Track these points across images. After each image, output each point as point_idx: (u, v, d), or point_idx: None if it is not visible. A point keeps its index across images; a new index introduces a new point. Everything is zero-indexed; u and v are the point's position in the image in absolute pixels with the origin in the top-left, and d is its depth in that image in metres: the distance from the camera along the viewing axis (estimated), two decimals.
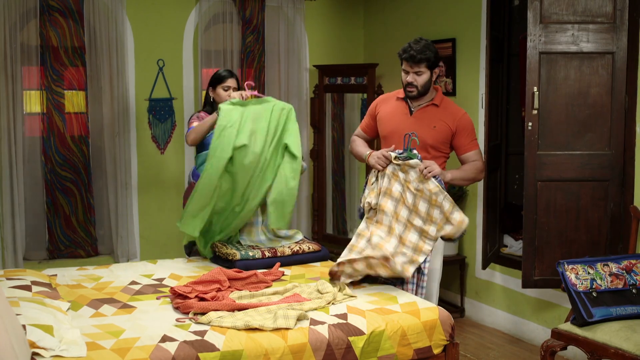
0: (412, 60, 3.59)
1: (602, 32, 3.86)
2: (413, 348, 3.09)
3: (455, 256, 5.09)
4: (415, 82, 3.63)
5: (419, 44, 3.60)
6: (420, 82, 3.63)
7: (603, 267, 3.30)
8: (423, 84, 3.64)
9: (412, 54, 3.58)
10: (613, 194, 3.94)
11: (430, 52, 3.60)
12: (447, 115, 3.68)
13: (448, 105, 3.74)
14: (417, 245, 3.52)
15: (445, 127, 3.66)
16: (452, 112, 3.70)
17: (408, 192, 3.51)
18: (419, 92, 3.66)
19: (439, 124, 3.66)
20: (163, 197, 5.60)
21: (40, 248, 5.33)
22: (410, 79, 3.64)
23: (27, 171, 5.22)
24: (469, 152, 3.69)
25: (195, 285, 3.33)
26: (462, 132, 3.67)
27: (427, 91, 3.70)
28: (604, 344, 3.13)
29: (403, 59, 3.65)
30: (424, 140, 3.63)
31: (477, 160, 3.70)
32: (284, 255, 4.05)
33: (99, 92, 5.32)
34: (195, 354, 2.68)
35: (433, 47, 3.64)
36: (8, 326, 2.18)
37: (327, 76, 5.91)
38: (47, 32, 5.12)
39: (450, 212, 3.47)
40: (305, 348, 2.85)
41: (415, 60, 3.59)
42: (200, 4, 5.58)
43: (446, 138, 3.68)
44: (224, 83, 4.34)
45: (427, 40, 3.64)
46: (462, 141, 3.68)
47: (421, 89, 3.66)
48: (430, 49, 3.61)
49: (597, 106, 3.90)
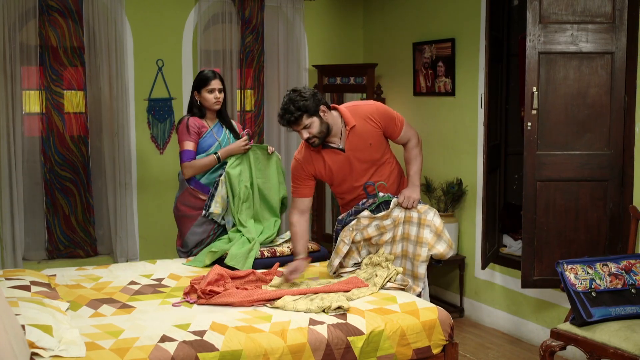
0: (290, 124, 3.44)
1: (601, 32, 3.86)
2: (412, 348, 3.09)
3: (455, 256, 5.09)
4: (310, 134, 3.47)
5: (289, 102, 3.42)
6: (314, 132, 3.47)
7: (602, 267, 3.31)
8: (318, 131, 3.47)
9: (287, 118, 3.41)
10: (612, 194, 3.94)
11: (303, 101, 3.40)
12: (366, 124, 3.57)
13: (357, 113, 3.58)
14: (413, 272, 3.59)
15: (374, 132, 3.60)
16: (365, 117, 3.57)
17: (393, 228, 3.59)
18: (320, 138, 3.51)
19: (369, 137, 3.58)
20: (162, 197, 5.60)
21: (39, 248, 5.33)
22: (305, 135, 3.48)
23: (26, 171, 5.21)
24: (400, 135, 3.67)
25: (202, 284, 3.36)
26: (384, 124, 3.62)
27: (330, 130, 3.53)
28: (603, 344, 3.13)
29: (283, 126, 3.52)
30: (373, 158, 3.61)
31: (411, 139, 3.70)
32: (283, 255, 4.05)
33: (98, 92, 5.32)
34: (195, 354, 2.68)
35: (303, 93, 3.43)
36: (7, 326, 2.18)
37: (327, 76, 5.91)
38: (47, 32, 5.12)
39: (442, 229, 3.54)
40: (304, 348, 2.85)
41: (293, 122, 3.43)
42: (200, 4, 5.58)
43: (381, 139, 3.65)
44: (209, 86, 4.20)
45: (294, 91, 3.46)
46: (389, 131, 3.65)
47: (321, 136, 3.50)
48: (301, 98, 3.40)
49: (596, 106, 3.91)
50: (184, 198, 4.27)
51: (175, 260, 4.18)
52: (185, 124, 4.22)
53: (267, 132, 5.97)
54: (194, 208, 4.24)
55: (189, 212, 4.25)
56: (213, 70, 4.32)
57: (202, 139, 4.24)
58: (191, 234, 4.26)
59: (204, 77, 4.23)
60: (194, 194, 4.24)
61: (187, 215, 4.26)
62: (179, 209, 4.30)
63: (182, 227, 4.31)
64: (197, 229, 4.25)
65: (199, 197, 4.23)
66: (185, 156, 4.19)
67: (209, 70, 4.28)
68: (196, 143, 4.22)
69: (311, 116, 3.43)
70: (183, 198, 4.27)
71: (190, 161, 4.19)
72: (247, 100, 5.90)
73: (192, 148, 4.21)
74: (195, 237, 4.26)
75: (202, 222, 4.25)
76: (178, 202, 4.31)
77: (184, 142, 4.19)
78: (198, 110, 4.27)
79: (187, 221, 4.27)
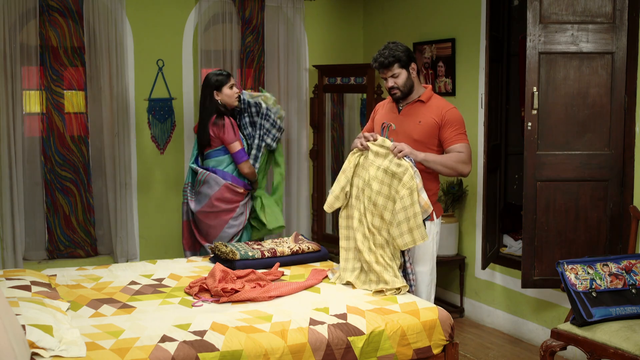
0: (382, 66, 3.67)
1: (601, 32, 3.86)
2: (412, 348, 3.09)
3: (455, 256, 5.09)
4: (395, 84, 3.69)
5: (386, 48, 3.68)
6: (400, 83, 3.68)
7: (602, 267, 3.31)
8: (403, 83, 3.69)
9: (380, 61, 3.66)
10: (612, 194, 3.94)
11: (399, 51, 3.65)
12: (433, 110, 3.70)
13: (436, 101, 3.76)
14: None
15: (431, 121, 3.66)
16: (438, 107, 3.71)
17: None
18: (402, 92, 3.71)
19: (425, 119, 3.68)
20: (162, 197, 5.60)
21: (39, 248, 5.33)
22: (390, 84, 3.70)
23: (26, 171, 5.21)
24: (454, 145, 3.64)
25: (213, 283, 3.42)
26: (447, 124, 3.65)
27: (411, 89, 3.73)
28: (604, 344, 3.13)
29: (375, 69, 3.74)
30: (411, 135, 3.67)
31: (462, 153, 3.64)
32: (283, 255, 4.05)
33: (99, 92, 5.32)
34: (195, 354, 2.68)
35: (401, 46, 3.69)
36: (7, 326, 2.18)
37: (327, 76, 5.91)
38: (47, 32, 5.12)
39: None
40: (304, 348, 2.86)
41: (385, 66, 3.66)
42: (200, 4, 5.58)
43: (432, 132, 3.67)
44: (230, 82, 4.54)
45: (394, 43, 3.71)
46: (447, 134, 3.66)
47: (403, 89, 3.70)
48: (398, 48, 3.67)
49: (596, 106, 3.91)
50: (221, 194, 4.53)
51: (175, 260, 4.18)
52: (230, 124, 4.53)
53: None
54: (231, 202, 4.55)
55: (226, 206, 4.53)
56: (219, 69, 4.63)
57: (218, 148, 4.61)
58: (228, 227, 4.55)
59: (220, 75, 4.56)
60: (232, 188, 4.54)
61: (224, 210, 4.53)
62: (215, 206, 4.53)
63: (217, 223, 4.55)
64: (234, 221, 4.56)
65: (237, 190, 4.55)
66: (242, 154, 4.55)
67: (219, 70, 4.60)
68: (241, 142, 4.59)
69: (402, 67, 3.67)
70: (220, 195, 4.53)
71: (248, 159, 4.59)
72: None
73: (242, 147, 4.59)
74: (232, 229, 4.56)
75: (239, 213, 4.57)
76: (213, 199, 4.53)
77: (236, 143, 4.54)
78: (225, 109, 4.57)
79: (223, 215, 4.54)
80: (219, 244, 4.05)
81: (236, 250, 3.95)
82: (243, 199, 4.63)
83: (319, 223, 6.03)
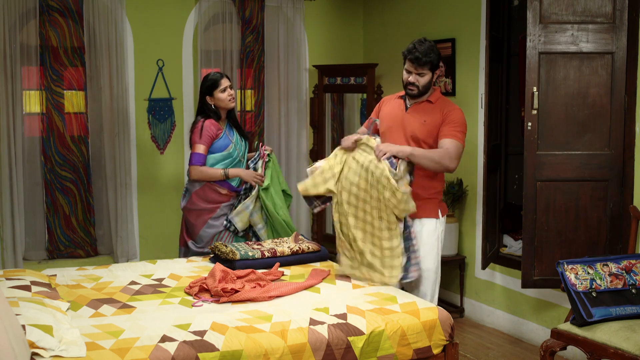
0: (417, 62, 3.63)
1: (601, 32, 3.86)
2: (412, 348, 3.09)
3: (455, 256, 5.09)
4: (417, 82, 3.68)
5: (424, 45, 3.63)
6: (422, 83, 3.68)
7: (602, 267, 3.31)
8: (424, 84, 3.69)
9: (417, 56, 3.62)
10: (612, 194, 3.94)
11: (434, 55, 3.64)
12: (438, 110, 3.71)
13: (443, 102, 3.76)
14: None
15: (435, 120, 3.67)
16: (443, 107, 3.72)
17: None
18: (419, 91, 3.71)
19: (429, 118, 3.68)
20: (162, 197, 5.60)
21: (39, 248, 5.33)
22: (412, 79, 3.68)
23: (26, 171, 5.22)
24: (443, 139, 3.63)
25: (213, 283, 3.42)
26: (446, 122, 3.66)
27: (427, 91, 3.74)
28: (604, 344, 3.13)
29: (408, 59, 3.68)
30: (415, 134, 3.68)
31: (450, 148, 3.61)
32: (283, 255, 4.05)
33: (99, 92, 5.32)
34: (195, 354, 2.68)
35: (436, 48, 3.68)
36: (7, 326, 2.18)
37: (327, 76, 5.91)
38: (47, 32, 5.12)
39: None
40: (304, 348, 2.85)
41: (420, 63, 3.63)
42: (200, 4, 5.58)
43: (436, 131, 3.67)
44: (220, 86, 4.35)
45: (430, 42, 3.67)
46: (444, 130, 3.65)
47: (422, 89, 3.70)
48: (434, 51, 3.65)
49: (596, 106, 3.90)
50: (204, 192, 4.38)
51: (175, 260, 4.18)
52: (200, 127, 4.34)
53: (267, 132, 5.97)
54: (212, 202, 4.39)
55: (206, 205, 4.39)
56: (218, 70, 4.41)
57: (217, 140, 4.36)
58: (208, 227, 4.39)
59: (212, 78, 4.38)
60: (214, 189, 4.38)
61: (204, 209, 4.38)
62: (195, 203, 4.40)
63: (197, 222, 4.41)
64: (214, 222, 4.40)
65: (219, 191, 4.39)
66: (195, 158, 4.32)
67: (214, 72, 4.41)
68: (208, 147, 4.35)
69: (430, 70, 3.68)
70: (202, 192, 4.38)
71: (200, 165, 4.32)
72: (247, 100, 5.90)
73: (203, 152, 4.33)
74: (212, 230, 4.40)
75: (219, 214, 4.40)
76: (195, 196, 4.39)
77: (196, 145, 4.32)
78: (214, 113, 4.39)
79: (203, 214, 4.39)
80: (219, 244, 4.05)
81: (236, 250, 3.95)
82: (228, 200, 4.44)
83: (319, 223, 6.03)
